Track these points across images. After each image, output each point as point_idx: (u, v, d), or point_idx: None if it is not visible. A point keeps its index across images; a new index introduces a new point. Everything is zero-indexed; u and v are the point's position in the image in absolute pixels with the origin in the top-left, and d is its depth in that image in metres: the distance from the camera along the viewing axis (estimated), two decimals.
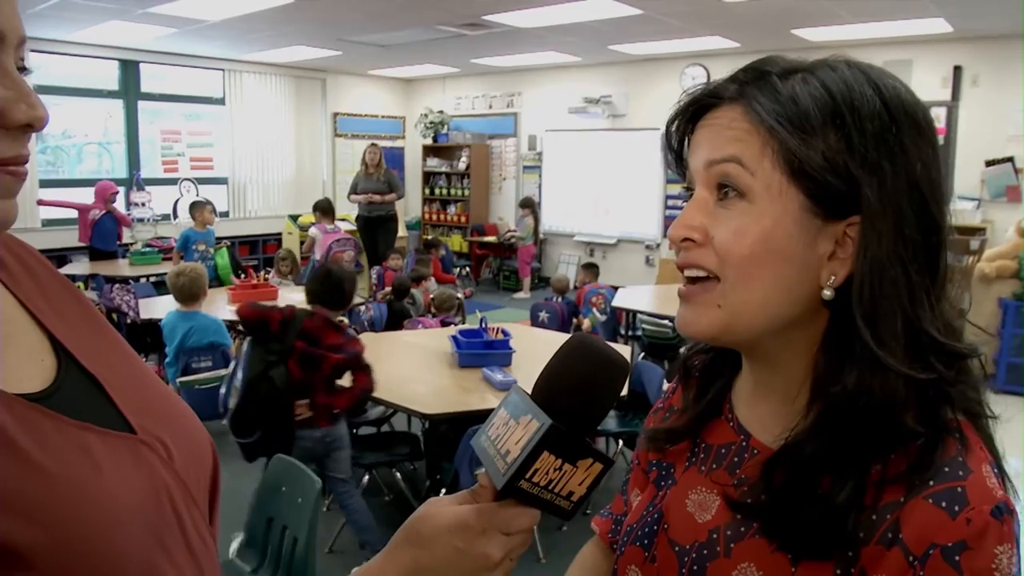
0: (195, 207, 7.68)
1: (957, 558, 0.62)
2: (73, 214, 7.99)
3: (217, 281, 6.87)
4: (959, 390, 0.70)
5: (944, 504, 0.64)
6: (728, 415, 0.84)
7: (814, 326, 0.73)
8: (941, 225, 0.71)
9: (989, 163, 7.36)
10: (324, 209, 8.00)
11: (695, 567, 0.77)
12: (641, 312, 6.01)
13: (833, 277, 0.70)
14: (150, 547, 0.59)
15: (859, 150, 0.68)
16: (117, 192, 7.99)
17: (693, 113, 0.77)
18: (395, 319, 6.14)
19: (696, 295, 0.74)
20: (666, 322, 5.79)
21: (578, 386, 0.70)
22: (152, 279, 7.24)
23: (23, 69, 0.60)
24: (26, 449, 0.54)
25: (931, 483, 0.65)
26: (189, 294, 4.60)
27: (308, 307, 3.33)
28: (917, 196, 0.69)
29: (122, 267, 7.57)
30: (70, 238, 8.09)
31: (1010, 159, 7.33)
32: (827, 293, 0.70)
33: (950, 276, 0.72)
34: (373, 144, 9.34)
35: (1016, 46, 7.26)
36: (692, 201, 0.74)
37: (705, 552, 0.77)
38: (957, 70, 7.56)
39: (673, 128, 0.80)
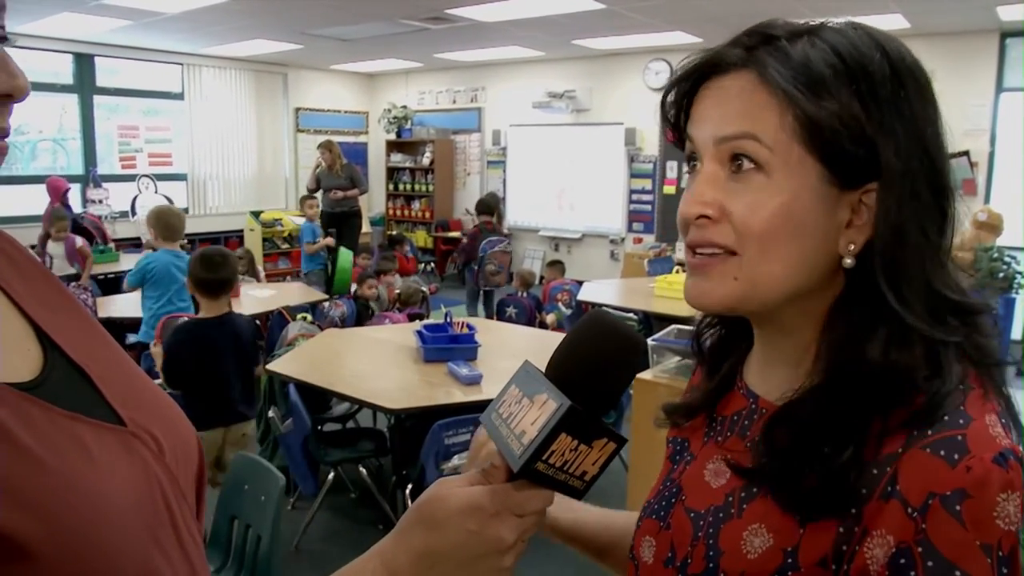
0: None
1: (958, 507, 0.59)
2: (24, 211, 7.78)
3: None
4: (972, 343, 0.68)
5: (943, 453, 0.61)
6: (739, 384, 0.84)
7: (828, 292, 0.73)
8: (948, 186, 0.71)
9: None
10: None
11: (710, 529, 0.76)
12: (606, 306, 6.01)
13: (852, 245, 0.70)
14: (145, 542, 0.57)
15: (874, 113, 0.67)
16: (69, 189, 7.74)
17: (693, 81, 0.74)
18: (361, 314, 6.10)
19: (711, 266, 0.72)
20: (631, 315, 5.82)
21: (595, 364, 0.68)
22: (109, 276, 7.10)
23: (2, 39, 0.56)
24: (22, 440, 0.52)
25: (929, 433, 0.63)
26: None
27: None
28: (927, 158, 0.70)
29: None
30: (20, 236, 7.87)
31: (966, 153, 7.47)
32: (848, 261, 0.70)
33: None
34: (322, 144, 8.95)
35: (971, 42, 7.41)
36: (702, 176, 0.72)
37: (720, 515, 0.76)
38: None
39: (670, 98, 0.77)
